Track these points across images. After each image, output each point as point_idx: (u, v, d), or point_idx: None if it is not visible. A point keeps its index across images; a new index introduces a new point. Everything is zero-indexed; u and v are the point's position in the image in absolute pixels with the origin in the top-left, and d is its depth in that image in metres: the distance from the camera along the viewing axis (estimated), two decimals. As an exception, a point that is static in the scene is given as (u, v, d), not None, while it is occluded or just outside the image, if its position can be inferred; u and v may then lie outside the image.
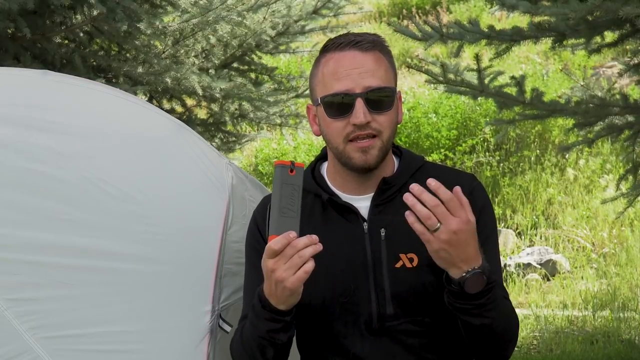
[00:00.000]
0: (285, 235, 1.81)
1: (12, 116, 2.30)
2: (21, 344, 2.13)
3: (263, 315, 1.91)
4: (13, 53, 5.04)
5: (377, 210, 2.05)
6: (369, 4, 15.02)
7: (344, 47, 2.02)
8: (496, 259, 2.09)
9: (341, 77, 1.99)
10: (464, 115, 11.03)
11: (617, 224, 9.30)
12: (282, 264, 1.82)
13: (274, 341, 1.94)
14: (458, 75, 5.06)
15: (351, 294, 1.99)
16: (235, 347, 2.08)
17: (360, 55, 2.01)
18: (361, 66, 1.99)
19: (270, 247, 1.82)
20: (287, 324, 1.93)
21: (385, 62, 2.04)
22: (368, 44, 2.02)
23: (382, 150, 2.02)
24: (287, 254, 1.81)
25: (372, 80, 1.99)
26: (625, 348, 6.49)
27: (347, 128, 1.99)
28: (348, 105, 1.98)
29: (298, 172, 1.86)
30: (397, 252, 2.01)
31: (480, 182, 2.13)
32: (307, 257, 1.81)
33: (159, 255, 2.24)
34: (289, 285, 1.83)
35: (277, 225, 1.83)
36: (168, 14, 5.62)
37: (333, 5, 6.50)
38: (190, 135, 2.46)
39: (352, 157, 2.01)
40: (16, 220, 2.19)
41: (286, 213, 1.84)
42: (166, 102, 6.40)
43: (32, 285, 2.16)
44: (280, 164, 1.85)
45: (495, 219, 2.15)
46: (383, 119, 2.00)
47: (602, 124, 5.32)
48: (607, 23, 4.36)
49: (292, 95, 6.71)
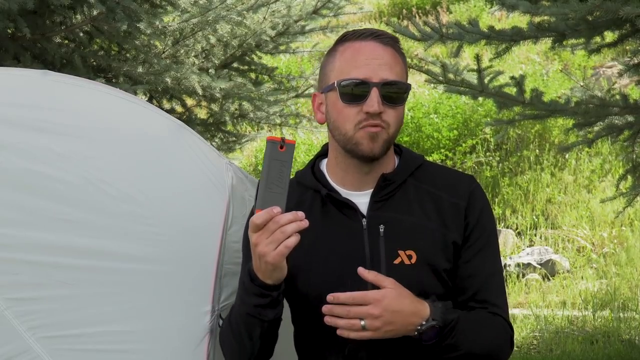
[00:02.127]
0: (269, 210, 1.83)
1: (12, 116, 2.30)
2: (21, 343, 2.13)
3: (251, 290, 1.94)
4: (13, 53, 5.04)
5: (376, 206, 2.06)
6: (369, 4, 15.03)
7: (366, 37, 2.05)
8: (494, 264, 2.10)
9: (360, 65, 2.02)
10: (464, 116, 11.03)
11: (617, 224, 9.30)
12: (264, 239, 1.84)
13: (261, 318, 1.96)
14: (458, 75, 5.06)
15: (349, 289, 2.00)
16: (224, 333, 2.11)
17: (381, 47, 2.04)
18: (380, 58, 2.03)
19: (253, 221, 1.84)
20: (274, 300, 1.94)
21: (401, 60, 2.08)
22: (388, 39, 2.06)
23: (387, 142, 2.04)
24: (270, 228, 1.83)
25: (389, 73, 2.02)
26: (625, 348, 6.49)
27: (359, 115, 2.01)
28: (364, 92, 2.00)
29: (288, 148, 1.86)
30: (396, 249, 2.02)
31: (478, 184, 2.15)
32: (290, 233, 1.83)
33: (159, 255, 2.24)
34: (270, 260, 1.85)
35: (262, 199, 1.84)
36: (168, 14, 5.61)
37: (333, 5, 6.50)
38: (190, 135, 2.46)
39: (361, 144, 2.02)
40: (16, 220, 2.19)
41: (273, 188, 1.85)
42: (166, 102, 6.40)
43: (32, 285, 2.16)
44: (271, 139, 1.87)
45: (494, 221, 2.16)
46: (393, 113, 2.03)
47: (602, 124, 5.33)
48: (607, 23, 4.36)
49: (292, 95, 6.72)
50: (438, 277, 2.03)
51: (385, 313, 1.90)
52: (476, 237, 2.07)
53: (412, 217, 2.06)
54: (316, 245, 2.04)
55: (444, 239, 2.05)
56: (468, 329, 1.98)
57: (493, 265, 2.09)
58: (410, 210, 2.07)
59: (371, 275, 1.94)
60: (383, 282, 1.93)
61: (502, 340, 2.06)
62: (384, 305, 1.90)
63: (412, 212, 2.06)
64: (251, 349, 2.03)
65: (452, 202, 2.08)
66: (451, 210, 2.07)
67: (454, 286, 2.06)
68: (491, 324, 2.04)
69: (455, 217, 2.07)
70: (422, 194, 2.09)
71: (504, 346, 2.06)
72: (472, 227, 2.07)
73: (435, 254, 2.03)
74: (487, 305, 2.04)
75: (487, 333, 2.03)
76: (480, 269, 2.06)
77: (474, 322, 2.01)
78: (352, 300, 1.91)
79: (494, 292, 2.08)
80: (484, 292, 2.06)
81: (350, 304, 1.91)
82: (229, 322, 2.07)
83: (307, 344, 2.11)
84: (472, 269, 2.06)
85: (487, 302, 2.05)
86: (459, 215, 2.07)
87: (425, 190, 2.10)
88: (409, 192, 2.09)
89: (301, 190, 2.13)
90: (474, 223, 2.08)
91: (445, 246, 2.05)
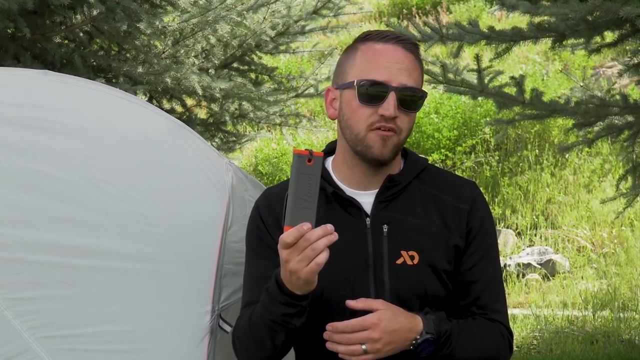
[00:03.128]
0: (299, 227, 1.81)
1: (12, 116, 2.30)
2: (21, 343, 2.13)
3: (279, 299, 1.92)
4: (13, 53, 5.04)
5: (380, 206, 2.07)
6: (369, 4, 15.02)
7: (389, 40, 2.06)
8: (495, 271, 2.13)
9: (381, 67, 2.02)
10: (464, 116, 11.03)
11: (617, 224, 9.30)
12: (295, 256, 1.83)
13: (288, 326, 1.95)
14: (458, 76, 5.06)
15: (350, 287, 2.00)
16: (241, 333, 2.07)
17: (403, 52, 2.05)
18: (402, 62, 2.03)
19: (283, 240, 1.82)
20: (302, 309, 1.94)
21: (419, 67, 2.09)
22: (410, 45, 2.07)
23: (397, 147, 2.05)
24: (301, 246, 1.82)
25: (408, 79, 2.03)
26: (625, 348, 6.50)
27: (373, 117, 2.01)
28: (381, 95, 2.01)
29: (316, 161, 1.83)
30: (399, 249, 2.03)
31: (480, 191, 2.17)
32: (321, 249, 1.82)
33: (159, 255, 2.24)
34: (302, 276, 1.84)
35: (292, 215, 1.82)
36: (168, 14, 5.61)
37: (333, 5, 6.50)
38: (190, 135, 2.46)
39: (371, 146, 2.03)
40: (16, 219, 2.19)
41: (302, 204, 1.82)
42: (166, 102, 6.40)
43: (32, 284, 2.16)
44: (298, 153, 1.83)
45: (495, 230, 2.19)
46: (407, 119, 2.04)
47: (602, 124, 5.33)
48: (607, 23, 4.36)
49: (292, 95, 6.72)
50: (439, 279, 2.04)
51: (384, 335, 1.92)
52: (479, 243, 2.09)
53: (416, 219, 2.07)
54: None
55: (446, 241, 2.07)
56: (463, 338, 2.01)
57: (494, 271, 2.12)
58: (414, 211, 2.08)
59: (360, 304, 1.96)
60: (373, 305, 1.95)
61: (498, 345, 2.09)
62: (382, 327, 1.92)
63: (416, 213, 2.08)
64: (272, 352, 2.02)
65: (455, 206, 2.10)
66: (454, 214, 2.09)
67: (455, 290, 2.08)
68: (487, 331, 2.07)
69: (458, 221, 2.09)
70: (426, 197, 2.10)
71: (502, 351, 2.09)
72: (474, 233, 2.09)
73: (438, 256, 2.04)
74: (487, 310, 2.08)
75: (483, 340, 2.06)
76: (482, 275, 2.09)
77: (469, 331, 2.03)
78: (351, 328, 1.93)
79: (494, 298, 2.11)
80: (484, 298, 2.09)
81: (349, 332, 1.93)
82: (248, 325, 2.04)
83: (307, 342, 2.10)
84: (475, 275, 2.08)
85: (487, 308, 2.08)
86: (462, 219, 2.09)
87: (429, 193, 2.11)
88: (413, 194, 2.10)
89: None
90: (477, 229, 2.10)
91: (447, 249, 2.06)
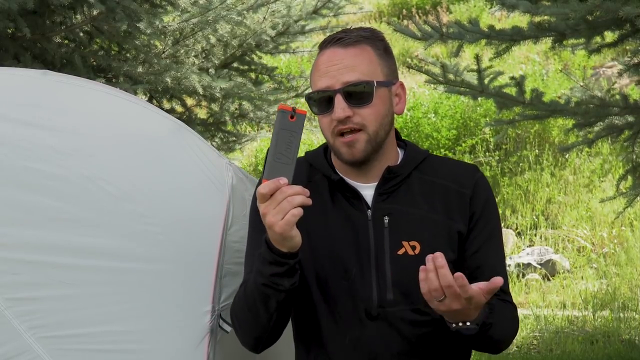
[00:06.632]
0: (275, 180, 1.83)
1: (12, 115, 2.30)
2: (21, 343, 2.13)
3: (268, 259, 1.93)
4: (13, 53, 5.04)
5: (381, 198, 2.08)
6: (369, 4, 15.02)
7: (327, 45, 2.07)
8: (500, 254, 2.13)
9: (322, 74, 2.04)
10: (463, 116, 11.03)
11: (617, 224, 9.30)
12: (271, 209, 1.84)
13: (278, 287, 1.94)
14: (458, 76, 5.06)
15: (352, 277, 2.00)
16: (237, 306, 2.08)
17: (341, 51, 2.04)
18: (339, 62, 2.03)
19: (259, 191, 1.84)
20: (290, 268, 1.93)
21: (370, 55, 2.06)
22: (350, 39, 2.06)
23: (370, 142, 2.05)
24: (277, 198, 1.84)
25: (350, 75, 2.02)
26: (625, 348, 6.50)
27: (332, 123, 2.03)
28: (329, 101, 2.02)
29: (299, 118, 1.84)
30: (400, 240, 2.04)
31: (482, 174, 2.17)
32: (297, 204, 1.83)
33: (159, 254, 2.24)
34: (277, 230, 1.85)
35: (270, 169, 1.83)
36: (168, 14, 5.62)
37: (333, 5, 6.51)
38: (190, 135, 2.46)
39: (341, 152, 2.05)
40: (16, 219, 2.19)
41: (280, 159, 1.83)
42: (166, 102, 6.40)
43: (32, 284, 2.16)
44: (282, 108, 1.84)
45: (498, 212, 2.18)
46: (366, 112, 2.03)
47: (602, 124, 5.33)
48: (607, 23, 4.36)
49: (292, 95, 6.72)
50: None
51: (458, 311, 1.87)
52: (482, 227, 2.09)
53: (417, 209, 2.07)
54: (323, 231, 2.06)
55: (449, 229, 2.07)
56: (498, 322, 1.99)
57: (499, 253, 2.13)
58: (414, 202, 2.08)
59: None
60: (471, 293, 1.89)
61: (516, 326, 2.13)
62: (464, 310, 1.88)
63: (417, 204, 2.08)
64: (266, 320, 2.01)
65: (457, 191, 2.10)
66: (456, 199, 2.09)
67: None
68: (510, 313, 2.09)
69: (460, 206, 2.09)
70: (426, 186, 2.11)
71: (514, 335, 2.13)
72: (477, 217, 2.09)
73: (440, 245, 2.02)
74: (499, 293, 2.04)
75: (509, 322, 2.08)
76: (488, 259, 2.09)
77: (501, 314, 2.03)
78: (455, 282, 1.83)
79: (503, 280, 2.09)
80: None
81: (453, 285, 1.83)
82: (243, 294, 2.05)
83: (307, 333, 2.10)
84: (480, 260, 2.08)
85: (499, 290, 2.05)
86: (464, 204, 2.09)
87: (429, 182, 2.11)
88: (413, 185, 2.10)
89: (311, 170, 2.15)
90: (480, 213, 2.10)
91: (450, 237, 2.06)
